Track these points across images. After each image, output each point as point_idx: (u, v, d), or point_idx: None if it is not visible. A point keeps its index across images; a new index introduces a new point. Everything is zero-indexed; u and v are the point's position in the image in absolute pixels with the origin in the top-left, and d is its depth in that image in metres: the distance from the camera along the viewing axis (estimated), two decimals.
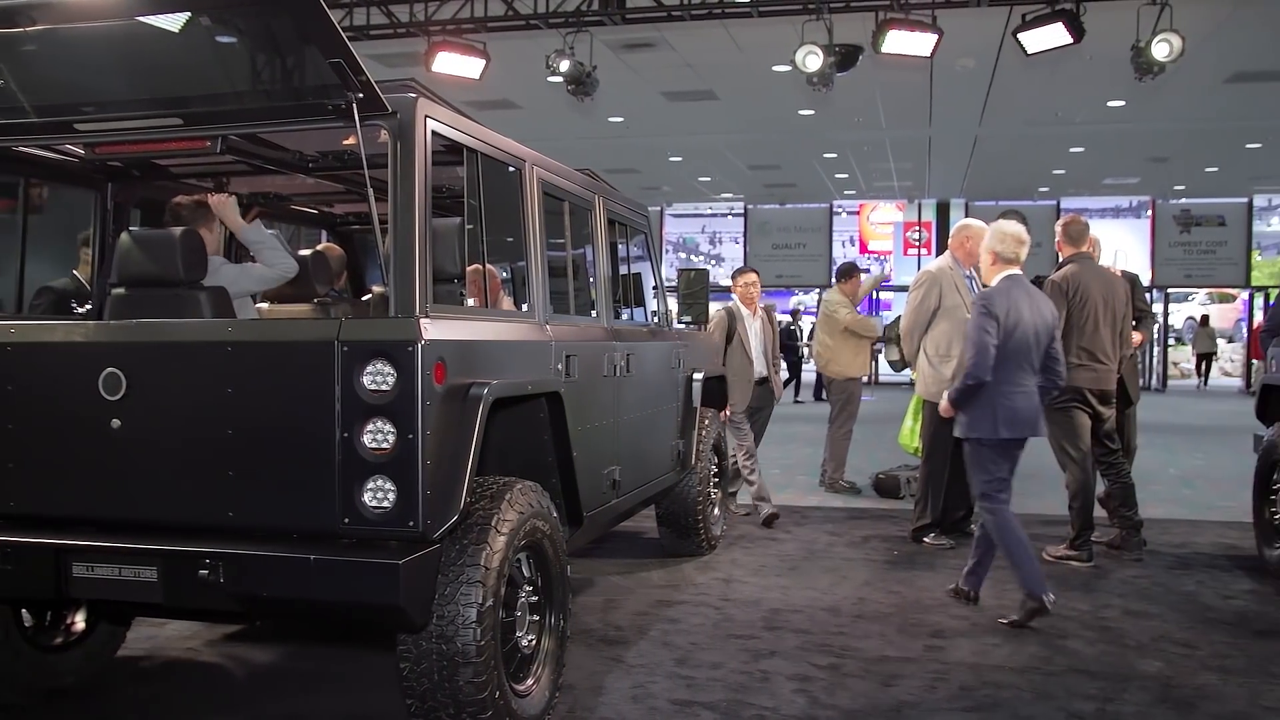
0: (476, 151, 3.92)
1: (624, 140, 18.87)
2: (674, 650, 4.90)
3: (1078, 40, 10.10)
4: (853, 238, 28.33)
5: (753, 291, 8.20)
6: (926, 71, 13.49)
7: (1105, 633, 5.26)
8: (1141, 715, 4.18)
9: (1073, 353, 6.66)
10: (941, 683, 4.51)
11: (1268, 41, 12.66)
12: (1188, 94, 14.94)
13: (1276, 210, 27.19)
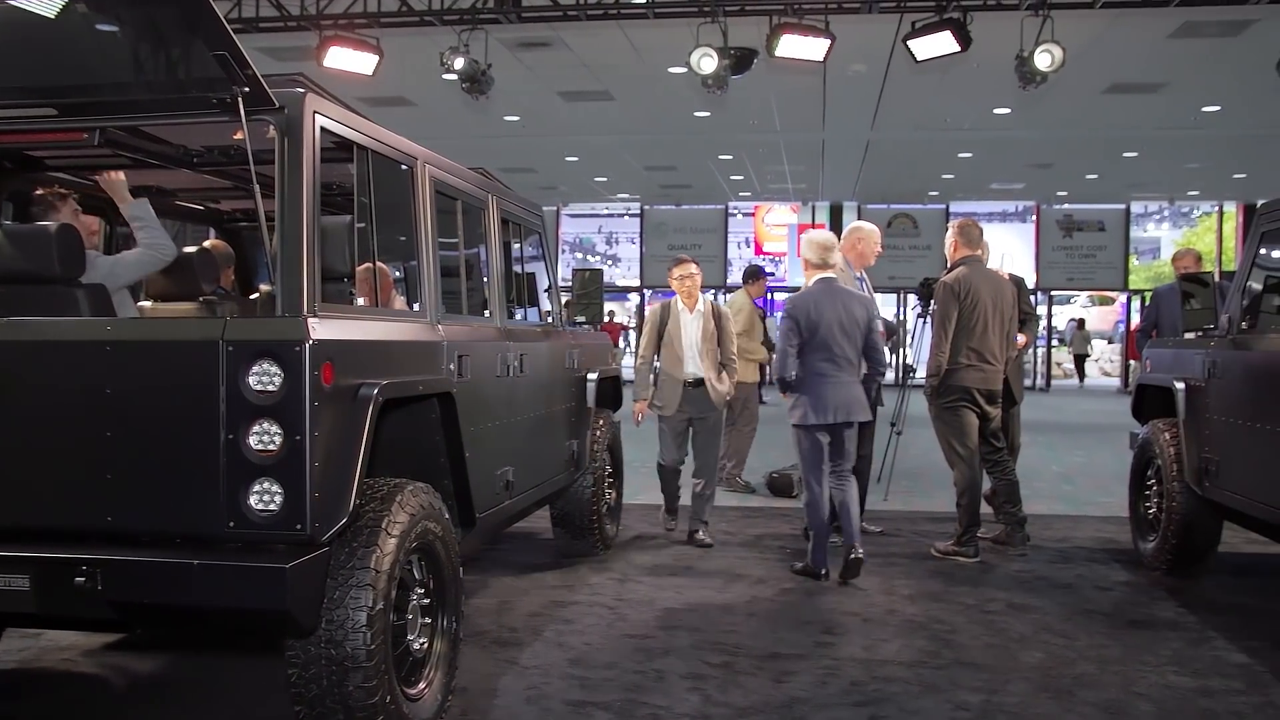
0: (367, 149, 3.86)
1: (520, 139, 18.78)
2: (568, 651, 4.89)
3: (965, 48, 10.35)
4: (748, 239, 28.61)
5: (689, 285, 7.28)
6: (820, 76, 13.70)
7: (990, 626, 5.40)
8: (1024, 705, 4.29)
9: (962, 353, 6.84)
10: (832, 678, 4.57)
11: (1142, 55, 13.14)
12: (1069, 103, 15.42)
13: (1152, 217, 28.24)
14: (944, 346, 6.85)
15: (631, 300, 30.72)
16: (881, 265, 10.16)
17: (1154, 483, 6.61)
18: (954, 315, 6.85)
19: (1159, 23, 11.67)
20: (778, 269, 28.22)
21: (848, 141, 19.18)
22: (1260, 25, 11.30)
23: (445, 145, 5.23)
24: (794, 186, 24.81)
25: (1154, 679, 4.60)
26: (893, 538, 7.52)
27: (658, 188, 25.34)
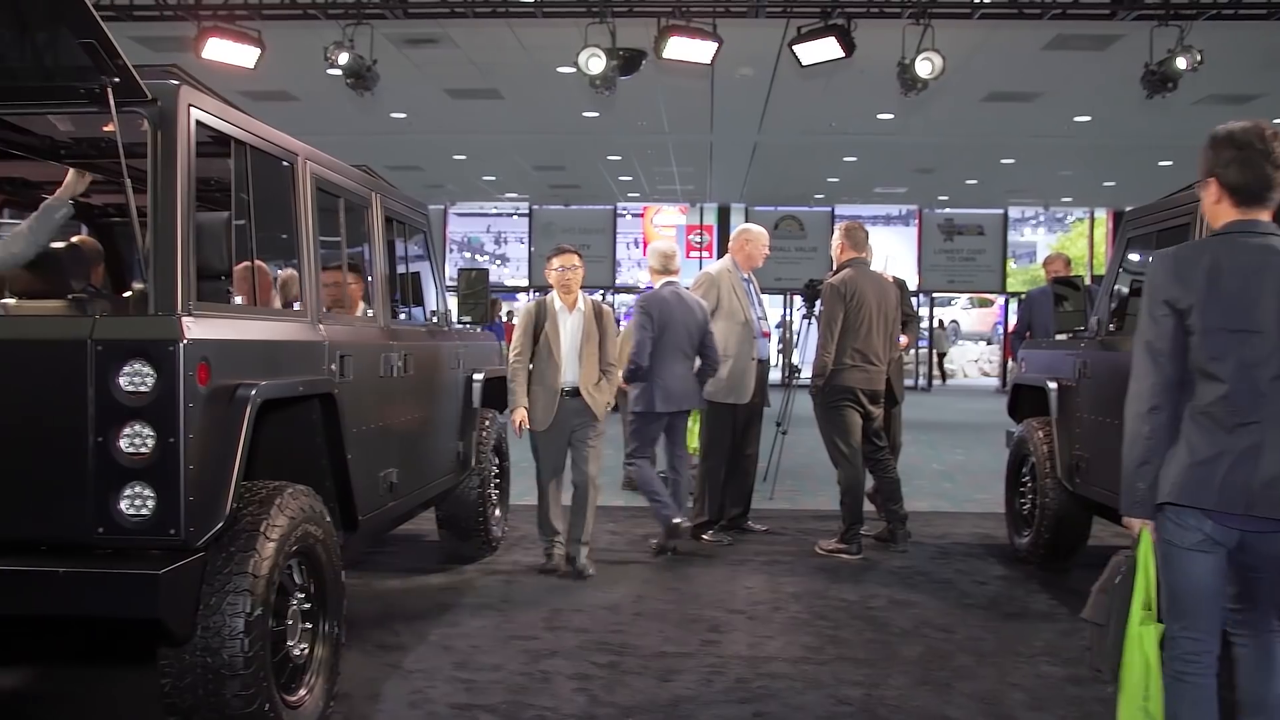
0: (245, 144, 3.77)
1: (407, 137, 18.54)
2: (454, 654, 4.85)
3: (849, 54, 10.53)
4: (637, 240, 28.68)
5: (570, 278, 6.38)
6: (708, 78, 13.80)
7: (872, 621, 5.50)
8: (904, 698, 4.38)
9: (847, 354, 6.97)
10: (718, 676, 4.61)
11: (1018, 65, 13.54)
12: (950, 110, 15.80)
13: (1029, 222, 29.15)
14: (830, 347, 6.96)
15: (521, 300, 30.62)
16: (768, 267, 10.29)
17: (1028, 480, 6.81)
18: (840, 317, 6.97)
19: (1034, 35, 12.03)
20: None
21: (735, 144, 19.37)
22: (1126, 40, 11.73)
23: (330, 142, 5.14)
24: (682, 188, 24.96)
25: (1027, 669, 4.74)
26: (778, 536, 7.62)
27: (547, 187, 25.26)
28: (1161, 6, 10.53)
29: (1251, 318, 2.92)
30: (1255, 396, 2.91)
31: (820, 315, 7.15)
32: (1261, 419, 2.90)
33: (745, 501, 7.71)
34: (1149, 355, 3.04)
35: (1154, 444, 3.04)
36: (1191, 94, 13.49)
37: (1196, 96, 14.09)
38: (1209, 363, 2.95)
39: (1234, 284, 2.94)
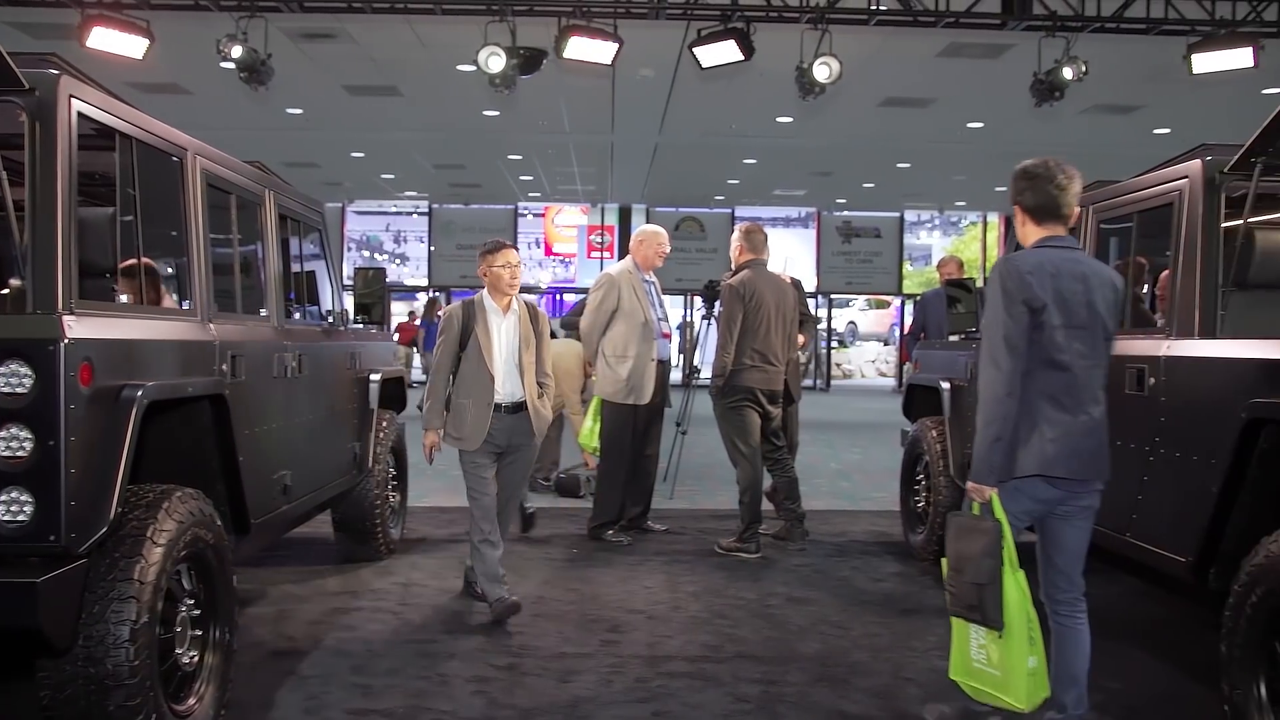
0: (131, 137, 3.66)
1: (303, 133, 18.21)
2: (350, 658, 4.77)
3: (748, 57, 10.64)
4: (538, 240, 28.60)
5: (511, 276, 5.57)
6: (609, 79, 13.81)
7: (770, 619, 5.56)
8: (801, 694, 4.43)
9: (746, 354, 7.03)
10: (617, 676, 4.61)
11: (914, 72, 13.82)
12: (847, 114, 16.07)
13: (925, 225, 29.76)
14: (729, 348, 7.02)
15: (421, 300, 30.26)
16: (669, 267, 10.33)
17: (923, 478, 6.95)
18: (739, 318, 7.03)
19: (929, 42, 12.29)
20: (568, 270, 28.37)
21: (636, 145, 19.42)
22: (1016, 50, 12.06)
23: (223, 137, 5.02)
24: (583, 188, 24.96)
25: (921, 664, 4.83)
26: (677, 535, 7.65)
27: (447, 186, 25.04)
28: (1049, 18, 10.84)
29: (1084, 317, 3.55)
30: (1087, 382, 3.57)
31: (719, 316, 7.20)
32: (1087, 402, 3.56)
33: (645, 501, 7.73)
34: (1007, 347, 3.51)
35: (1008, 424, 3.52)
36: (1078, 103, 13.93)
37: (1083, 106, 14.56)
38: (1056, 354, 3.53)
39: (1070, 287, 3.55)
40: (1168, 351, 4.28)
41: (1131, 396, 4.45)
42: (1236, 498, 3.71)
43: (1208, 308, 4.14)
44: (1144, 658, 4.99)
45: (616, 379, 7.17)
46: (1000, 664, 3.66)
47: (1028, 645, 3.58)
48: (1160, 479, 4.27)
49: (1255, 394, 3.58)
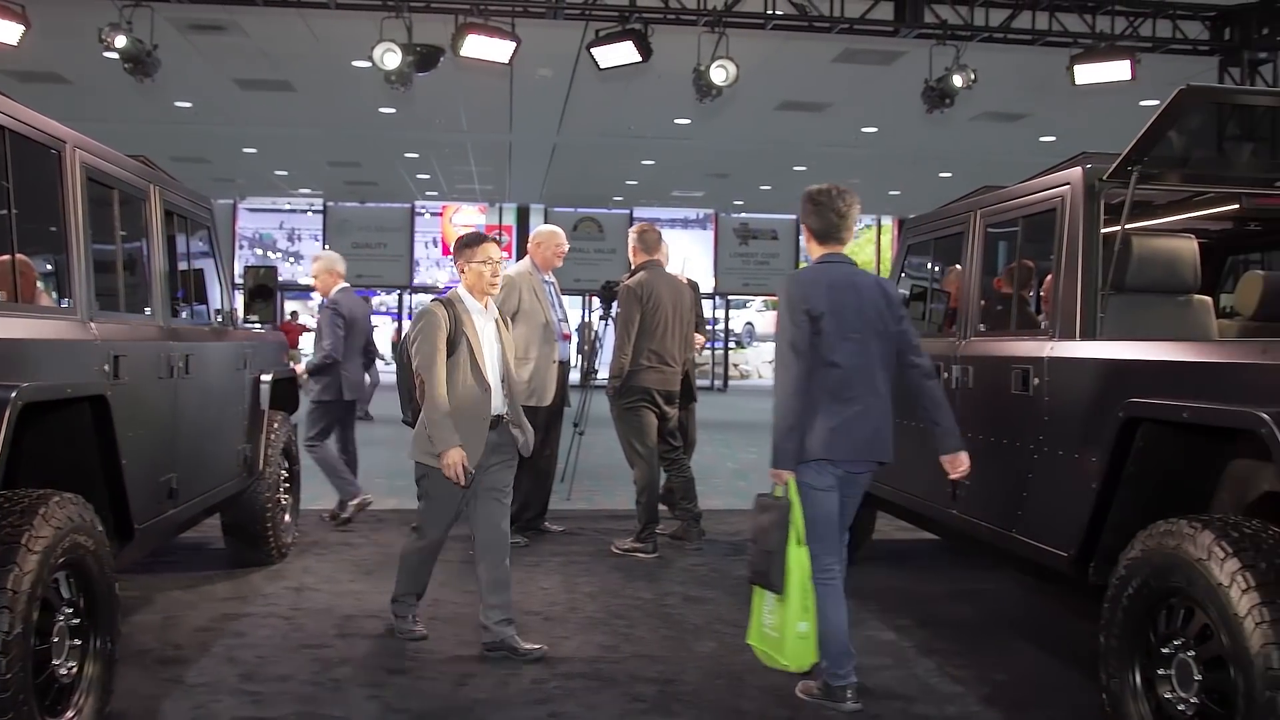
0: (3, 128, 3.52)
1: (193, 127, 17.76)
2: (239, 666, 4.66)
3: (646, 59, 10.68)
4: (435, 239, 28.33)
5: (486, 274, 4.94)
6: (507, 78, 13.75)
7: (667, 619, 5.58)
8: (697, 693, 4.46)
9: (643, 355, 7.05)
10: (513, 678, 4.59)
11: (810, 76, 14.02)
12: (744, 117, 16.22)
13: None
14: (627, 348, 7.04)
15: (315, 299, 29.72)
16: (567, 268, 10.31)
17: None
18: (636, 318, 7.06)
19: (824, 47, 12.48)
20: None
21: (534, 144, 19.37)
22: (909, 57, 12.31)
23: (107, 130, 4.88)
24: (481, 187, 24.80)
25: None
26: (574, 536, 7.65)
27: (342, 184, 24.66)
28: (940, 27, 11.10)
29: (854, 324, 4.15)
30: (858, 378, 4.15)
31: (617, 317, 7.21)
32: (862, 394, 4.16)
33: (542, 503, 7.70)
34: (793, 351, 4.10)
35: (798, 416, 4.11)
36: (968, 110, 14.28)
37: (973, 113, 14.93)
38: (831, 355, 4.12)
39: (843, 299, 4.15)
40: (1050, 353, 4.40)
41: (1017, 396, 4.58)
42: (1115, 494, 3.83)
43: (1088, 310, 4.27)
44: (1030, 650, 5.14)
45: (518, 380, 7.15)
46: (777, 627, 4.26)
47: (801, 611, 4.18)
48: (1044, 477, 4.40)
49: (1132, 393, 3.70)
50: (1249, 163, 4.56)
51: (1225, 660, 3.07)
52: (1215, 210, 4.87)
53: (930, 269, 6.19)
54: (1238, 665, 3.00)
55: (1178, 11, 11.66)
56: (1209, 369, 3.44)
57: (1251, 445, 3.15)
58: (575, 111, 16.41)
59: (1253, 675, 2.93)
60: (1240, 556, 3.06)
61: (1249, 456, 3.59)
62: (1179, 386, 3.53)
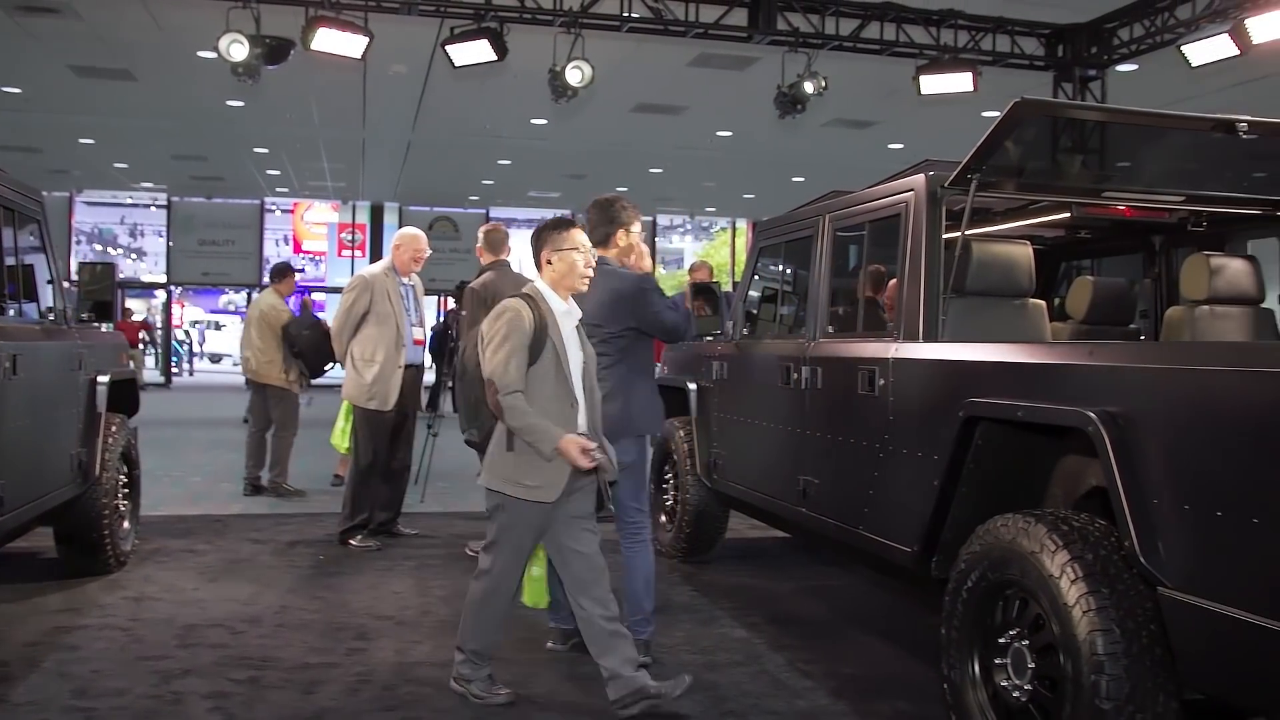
0: None
1: (23, 115, 16.92)
2: (72, 681, 4.45)
3: (501, 58, 10.61)
4: (286, 236, 27.65)
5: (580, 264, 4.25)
6: (360, 73, 13.49)
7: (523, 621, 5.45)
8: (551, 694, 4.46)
9: None
10: (364, 685, 4.50)
11: (665, 79, 14.14)
12: (601, 119, 16.27)
13: (677, 229, 30.51)
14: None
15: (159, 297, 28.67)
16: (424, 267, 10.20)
17: (671, 477, 7.11)
18: (482, 319, 7.00)
19: (680, 51, 12.60)
20: (318, 268, 27.55)
21: (388, 142, 19.06)
22: (762, 63, 12.53)
23: None
24: (334, 184, 24.29)
25: (669, 659, 4.91)
26: (428, 539, 7.55)
27: (187, 178, 23.82)
28: (792, 34, 11.33)
29: (597, 317, 4.57)
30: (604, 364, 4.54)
31: (464, 318, 7.17)
32: (608, 377, 4.56)
33: (395, 505, 7.59)
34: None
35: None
36: (820, 116, 14.62)
37: (824, 119, 15.29)
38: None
39: (593, 296, 4.46)
40: (895, 354, 4.53)
41: (864, 396, 4.69)
42: (956, 491, 3.96)
43: (930, 313, 4.41)
44: (877, 643, 5.28)
45: (362, 383, 7.03)
46: None
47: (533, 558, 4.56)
48: (889, 474, 4.52)
49: (972, 393, 3.83)
50: (1079, 173, 4.78)
51: (1056, 648, 3.21)
52: (1049, 218, 5.08)
53: (781, 271, 6.31)
54: (1067, 652, 3.13)
55: (1016, 28, 12.16)
56: (1041, 370, 3.59)
57: (1081, 442, 3.29)
58: (430, 109, 16.21)
59: (1080, 661, 3.07)
60: (1069, 549, 3.20)
61: (1079, 453, 3.76)
62: (1015, 387, 3.67)
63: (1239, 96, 12.35)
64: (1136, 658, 3.03)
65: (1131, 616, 3.07)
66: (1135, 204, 4.82)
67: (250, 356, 9.23)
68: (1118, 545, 3.16)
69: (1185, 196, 4.76)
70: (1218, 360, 2.96)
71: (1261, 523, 2.69)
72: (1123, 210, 4.92)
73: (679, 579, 6.55)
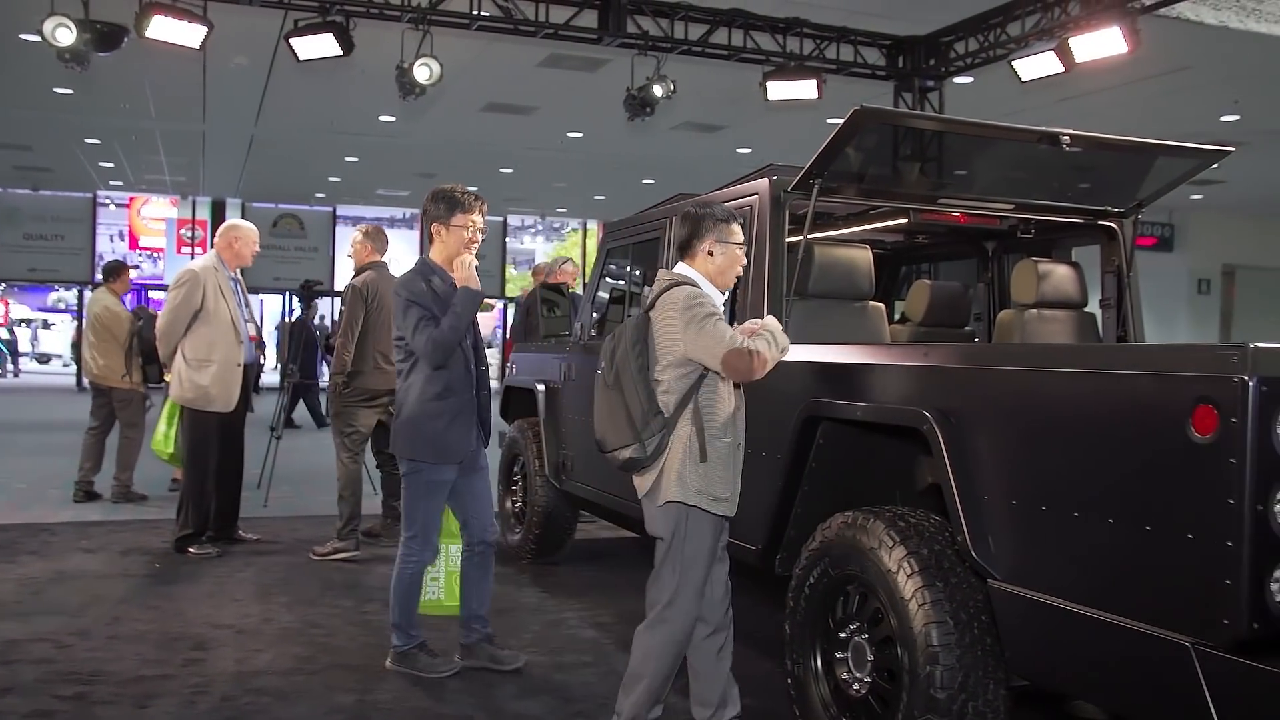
0: None
1: None
2: None
3: (347, 53, 10.38)
4: (122, 232, 26.50)
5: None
6: (200, 64, 13.03)
7: (367, 627, 5.46)
8: (397, 699, 4.40)
9: (368, 357, 6.98)
10: (202, 696, 4.36)
11: (516, 79, 14.06)
12: (450, 117, 16.08)
13: (528, 229, 30.37)
14: (350, 348, 6.95)
15: None
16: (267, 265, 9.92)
17: (520, 478, 7.08)
18: (361, 318, 6.98)
19: (530, 51, 12.54)
20: (156, 265, 26.52)
21: (230, 136, 18.45)
22: (613, 65, 12.57)
23: None
24: (173, 179, 23.40)
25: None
26: (271, 544, 7.35)
27: (10, 169, 22.59)
28: (641, 37, 11.40)
29: None
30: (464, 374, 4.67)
31: (342, 316, 7.11)
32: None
33: (234, 510, 7.36)
34: None
35: None
36: (669, 120, 14.75)
37: (673, 123, 15.43)
38: None
39: None
40: None
41: None
42: (799, 489, 4.05)
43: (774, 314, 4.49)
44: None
45: (197, 384, 6.80)
46: None
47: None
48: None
49: (813, 394, 3.93)
50: (917, 180, 4.94)
51: (894, 640, 3.32)
52: (888, 223, 5.24)
53: (629, 272, 6.35)
54: (904, 644, 3.24)
55: (859, 38, 12.48)
56: (880, 371, 3.70)
57: (918, 441, 3.41)
58: (274, 103, 15.75)
59: (916, 653, 3.18)
60: (906, 544, 3.31)
61: (916, 451, 3.89)
62: (855, 387, 3.78)
63: (1067, 110, 12.96)
64: (969, 648, 3.16)
65: (964, 608, 3.20)
66: (969, 211, 5.00)
67: (90, 360, 8.85)
68: (951, 540, 3.28)
69: (1015, 205, 4.97)
70: (1041, 361, 3.10)
71: (1081, 516, 2.83)
72: (957, 217, 5.11)
73: (528, 580, 6.53)
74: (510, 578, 6.62)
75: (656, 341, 3.71)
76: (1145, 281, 5.52)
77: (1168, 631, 2.58)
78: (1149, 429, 2.67)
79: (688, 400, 3.66)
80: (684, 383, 3.67)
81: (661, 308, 3.72)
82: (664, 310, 3.71)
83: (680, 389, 3.66)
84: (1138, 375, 2.74)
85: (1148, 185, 4.97)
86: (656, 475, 3.69)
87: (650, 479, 3.72)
